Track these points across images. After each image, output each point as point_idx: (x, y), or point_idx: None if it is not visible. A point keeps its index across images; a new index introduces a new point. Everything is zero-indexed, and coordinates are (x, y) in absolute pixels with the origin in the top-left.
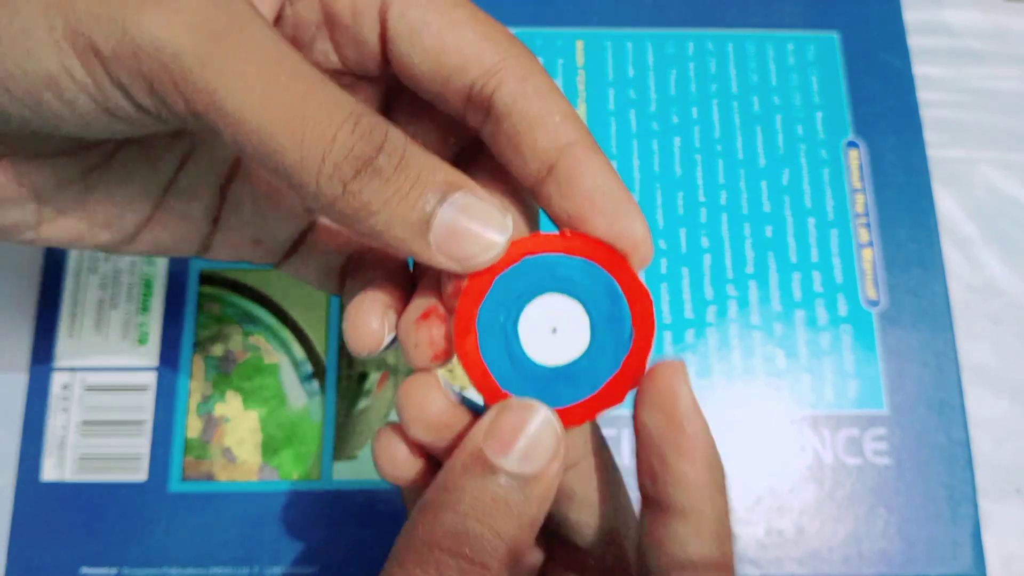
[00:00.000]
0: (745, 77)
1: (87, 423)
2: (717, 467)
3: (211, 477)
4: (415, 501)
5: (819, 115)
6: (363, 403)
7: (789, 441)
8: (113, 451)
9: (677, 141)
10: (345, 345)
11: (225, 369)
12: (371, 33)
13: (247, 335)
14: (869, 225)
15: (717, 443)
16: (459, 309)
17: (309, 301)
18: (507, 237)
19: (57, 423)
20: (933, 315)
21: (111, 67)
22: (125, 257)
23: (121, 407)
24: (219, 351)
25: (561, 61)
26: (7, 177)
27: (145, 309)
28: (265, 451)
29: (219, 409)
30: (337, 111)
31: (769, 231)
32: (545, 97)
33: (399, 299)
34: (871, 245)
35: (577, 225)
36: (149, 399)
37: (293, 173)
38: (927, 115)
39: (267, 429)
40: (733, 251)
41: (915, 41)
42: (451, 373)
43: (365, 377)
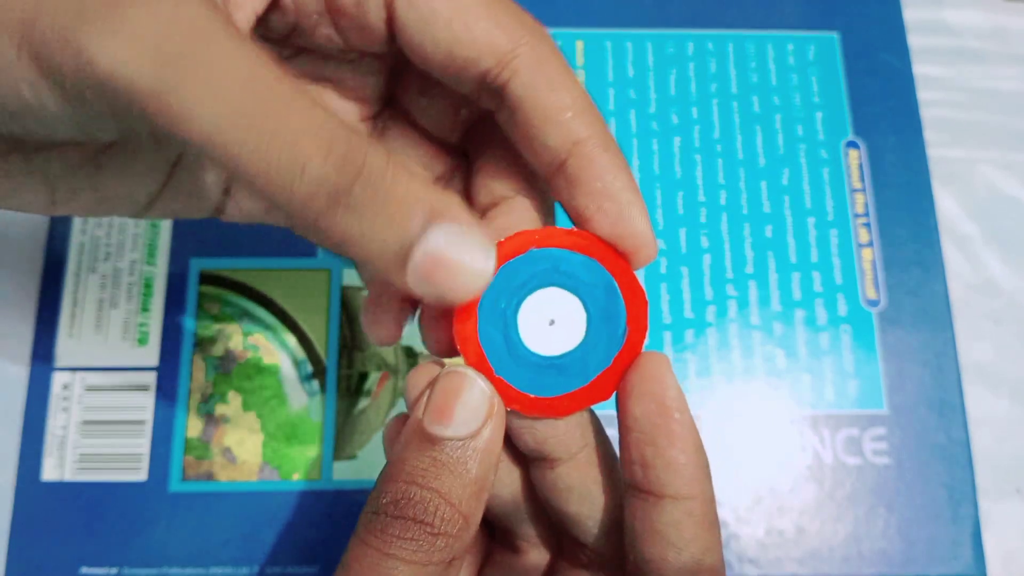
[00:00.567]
0: (745, 77)
1: (87, 423)
2: (703, 453)
3: (211, 477)
4: None
5: (819, 115)
6: (363, 403)
7: (789, 441)
8: (113, 451)
9: (677, 141)
10: (345, 345)
11: (225, 369)
12: (377, 20)
13: (247, 335)
14: (869, 225)
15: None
16: None
17: (309, 301)
18: (489, 271)
19: (57, 423)
20: (933, 315)
21: (77, 94)
22: (125, 257)
23: (121, 407)
24: (219, 351)
25: None
26: (17, 167)
27: (145, 309)
28: (265, 451)
29: (219, 409)
30: (307, 139)
31: (769, 231)
32: (557, 89)
33: None
34: (871, 245)
35: (582, 223)
36: (149, 399)
37: (264, 197)
38: (927, 115)
39: (267, 429)
40: (733, 251)
41: (915, 41)
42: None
43: (365, 377)
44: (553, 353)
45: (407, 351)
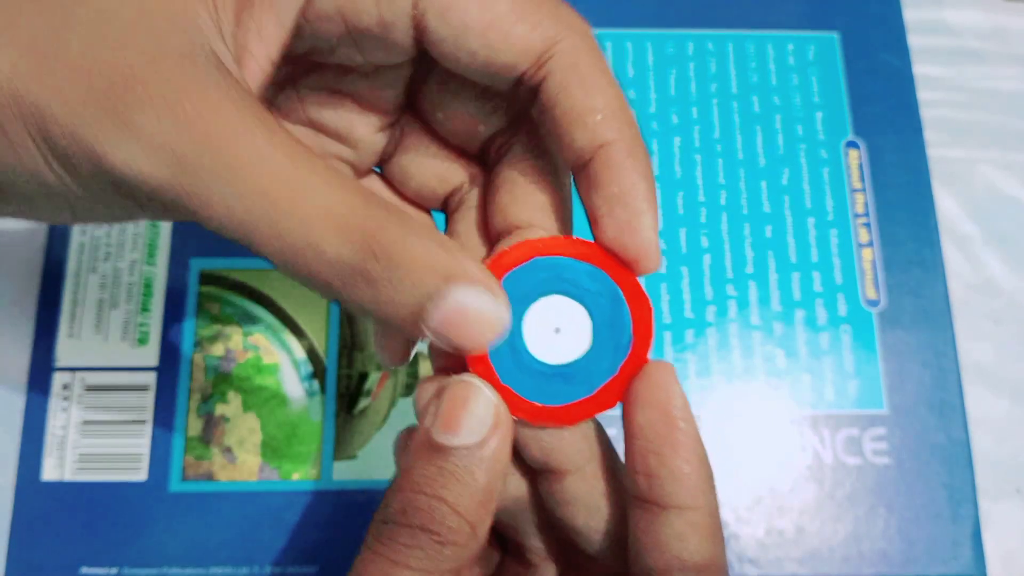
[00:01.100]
0: (745, 77)
1: (87, 423)
2: (708, 464)
3: (211, 477)
4: None
5: (819, 115)
6: (363, 403)
7: (789, 441)
8: (113, 451)
9: (677, 141)
10: (345, 345)
11: (225, 369)
12: (404, 38)
13: (247, 335)
14: (869, 225)
15: (717, 443)
16: None
17: (309, 301)
18: (505, 320)
19: (57, 423)
20: (933, 315)
21: (96, 186)
22: (125, 257)
23: (121, 407)
24: (219, 351)
25: None
26: (37, 191)
27: (145, 309)
28: (265, 451)
29: (219, 409)
30: (321, 222)
31: (769, 231)
32: (590, 91)
33: None
34: (871, 245)
35: (592, 223)
36: (149, 399)
37: (287, 273)
38: (927, 115)
39: (267, 429)
40: (733, 251)
41: (915, 41)
42: None
43: (365, 377)
44: (559, 362)
45: None
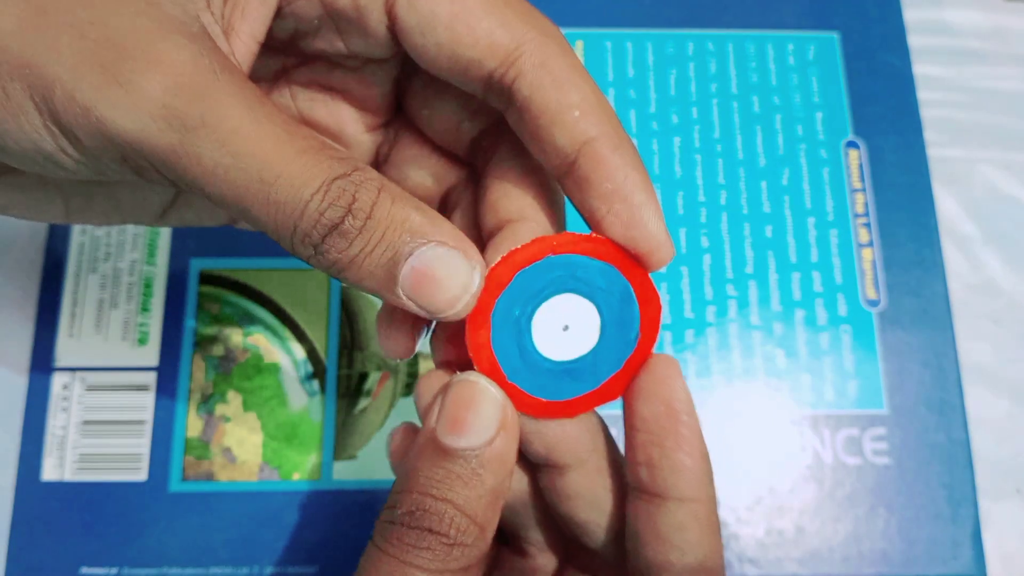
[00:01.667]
0: (745, 77)
1: (87, 423)
2: (708, 458)
3: (211, 477)
4: None
5: (819, 115)
6: (363, 403)
7: (789, 441)
8: (113, 451)
9: (677, 141)
10: (345, 345)
11: (225, 369)
12: (378, 25)
13: (247, 335)
14: (869, 225)
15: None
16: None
17: (309, 301)
18: (474, 289)
19: (57, 423)
20: (933, 315)
21: (93, 150)
22: (125, 257)
23: (121, 407)
24: (219, 351)
25: None
26: (32, 182)
27: (145, 309)
28: (265, 451)
29: (219, 409)
30: (306, 184)
31: (769, 231)
32: (564, 87)
33: None
34: (871, 245)
35: (594, 226)
36: (149, 399)
37: (269, 233)
38: (927, 115)
39: (267, 429)
40: (733, 251)
41: (915, 41)
42: None
43: (365, 377)
44: (566, 358)
45: None
